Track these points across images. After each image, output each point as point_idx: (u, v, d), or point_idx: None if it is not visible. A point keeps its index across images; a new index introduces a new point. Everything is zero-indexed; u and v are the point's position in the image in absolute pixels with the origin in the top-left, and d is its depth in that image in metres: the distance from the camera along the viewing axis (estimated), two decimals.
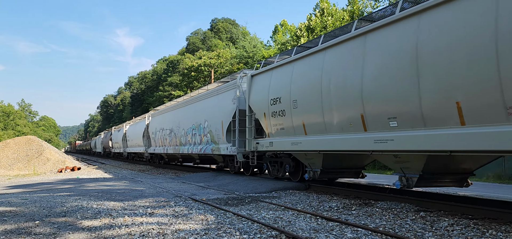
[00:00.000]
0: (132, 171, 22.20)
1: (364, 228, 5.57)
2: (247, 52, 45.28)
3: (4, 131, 74.55)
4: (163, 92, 62.26)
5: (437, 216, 6.38)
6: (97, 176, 17.93)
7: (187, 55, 62.25)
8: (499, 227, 5.47)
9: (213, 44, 65.00)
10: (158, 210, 7.20)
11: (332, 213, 6.96)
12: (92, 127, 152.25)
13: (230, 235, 5.20)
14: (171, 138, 20.90)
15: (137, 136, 29.12)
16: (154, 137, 24.59)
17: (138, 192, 10.12)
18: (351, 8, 28.97)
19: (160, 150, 23.45)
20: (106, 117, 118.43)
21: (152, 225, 5.76)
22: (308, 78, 9.34)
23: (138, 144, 29.25)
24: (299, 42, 29.55)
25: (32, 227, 5.63)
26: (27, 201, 8.27)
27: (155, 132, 24.17)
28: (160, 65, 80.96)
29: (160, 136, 23.05)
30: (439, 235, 5.22)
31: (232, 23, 73.24)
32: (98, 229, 5.52)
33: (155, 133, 24.28)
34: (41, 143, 27.39)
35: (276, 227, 5.58)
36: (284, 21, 42.51)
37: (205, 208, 7.56)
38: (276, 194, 9.80)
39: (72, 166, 23.14)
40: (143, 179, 15.07)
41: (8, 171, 22.18)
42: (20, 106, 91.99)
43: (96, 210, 7.07)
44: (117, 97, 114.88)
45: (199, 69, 51.10)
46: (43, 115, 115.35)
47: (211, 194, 9.92)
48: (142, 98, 78.27)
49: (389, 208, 7.20)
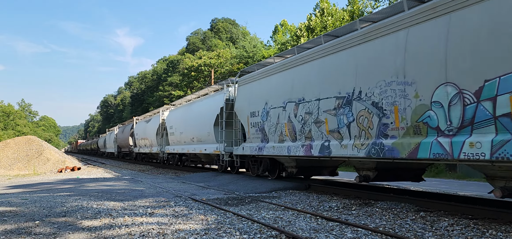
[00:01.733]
0: (132, 170, 22.21)
1: (364, 228, 5.57)
2: (247, 52, 45.29)
3: (4, 131, 74.57)
4: (163, 92, 62.26)
5: (437, 216, 6.38)
6: (97, 176, 17.93)
7: (187, 55, 62.26)
8: (499, 227, 5.47)
9: (213, 44, 65.02)
10: (158, 210, 7.20)
11: (332, 213, 6.96)
12: (92, 127, 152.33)
13: (230, 235, 5.20)
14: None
15: (198, 125, 16.96)
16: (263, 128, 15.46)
17: (138, 192, 10.12)
18: (351, 8, 28.98)
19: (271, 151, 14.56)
20: (106, 117, 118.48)
21: (152, 225, 5.76)
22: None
23: (201, 139, 16.98)
24: (299, 42, 29.57)
25: (32, 227, 5.63)
26: (27, 201, 8.27)
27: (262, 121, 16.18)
28: (160, 65, 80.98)
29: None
30: (439, 235, 5.22)
31: (232, 23, 73.26)
32: (98, 229, 5.52)
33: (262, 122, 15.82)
34: (41, 143, 27.38)
35: (276, 227, 5.58)
36: (284, 21, 42.53)
37: (205, 208, 7.56)
38: (276, 194, 9.80)
39: (72, 166, 23.15)
40: (143, 179, 15.07)
41: (8, 171, 22.19)
42: (20, 106, 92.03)
43: (96, 210, 7.07)
44: (117, 97, 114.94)
45: (199, 69, 51.11)
46: (43, 115, 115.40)
47: (211, 194, 9.92)
48: (142, 98, 78.26)
49: (389, 208, 7.20)
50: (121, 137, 36.48)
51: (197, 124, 17.20)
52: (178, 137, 19.99)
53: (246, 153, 12.74)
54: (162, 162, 24.39)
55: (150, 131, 25.33)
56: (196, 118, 17.47)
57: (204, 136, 16.38)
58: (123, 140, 35.55)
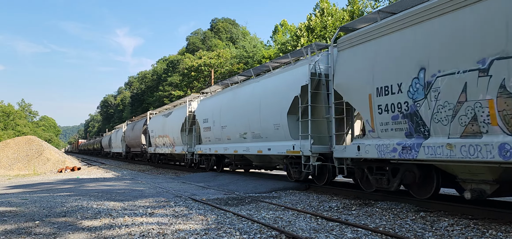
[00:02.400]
0: (132, 171, 22.20)
1: (364, 228, 5.57)
2: (247, 52, 45.32)
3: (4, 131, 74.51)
4: (163, 92, 62.28)
5: (437, 216, 6.38)
6: (97, 176, 17.93)
7: (187, 55, 62.29)
8: (499, 227, 5.47)
9: (213, 44, 65.05)
10: (158, 210, 7.20)
11: (332, 213, 6.96)
12: (92, 127, 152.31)
13: (230, 235, 5.20)
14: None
15: (257, 114, 12.43)
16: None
17: (138, 192, 10.12)
18: (351, 8, 28.98)
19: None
20: (106, 117, 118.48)
21: (152, 225, 5.76)
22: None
23: (261, 135, 12.45)
24: (299, 42, 29.56)
25: (32, 227, 5.63)
26: (27, 201, 8.27)
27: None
28: (160, 65, 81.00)
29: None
30: (439, 235, 5.22)
31: (232, 23, 73.30)
32: (98, 229, 5.52)
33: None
34: (41, 143, 27.39)
35: (276, 227, 5.58)
36: (284, 21, 42.54)
37: (205, 208, 7.56)
38: (276, 194, 9.80)
39: (72, 166, 23.15)
40: (143, 179, 15.07)
41: (8, 171, 22.19)
42: (20, 106, 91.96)
43: (96, 210, 7.07)
44: (117, 97, 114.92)
45: (199, 69, 51.12)
46: (43, 115, 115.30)
47: (211, 194, 9.92)
48: (142, 98, 78.28)
49: (389, 208, 7.20)
50: (131, 134, 30.51)
51: (254, 114, 12.41)
52: (217, 133, 15.28)
53: (370, 155, 7.78)
54: (190, 165, 19.96)
55: (172, 126, 20.92)
56: (254, 105, 12.44)
57: (268, 130, 11.75)
58: (133, 138, 29.92)
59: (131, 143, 31.37)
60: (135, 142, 29.88)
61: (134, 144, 30.28)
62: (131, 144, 31.48)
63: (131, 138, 30.81)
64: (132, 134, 30.53)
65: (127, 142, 32.59)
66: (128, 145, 32.65)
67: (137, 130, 29.30)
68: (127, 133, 32.71)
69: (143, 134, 27.86)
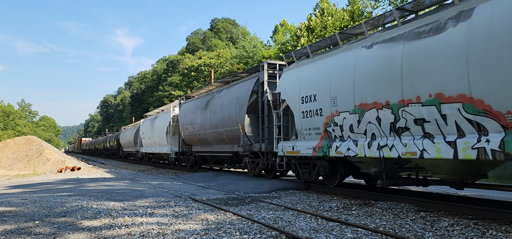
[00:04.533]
0: (132, 171, 22.19)
1: (364, 228, 5.57)
2: (247, 52, 45.30)
3: (4, 131, 74.49)
4: (163, 92, 62.26)
5: (437, 216, 6.38)
6: (97, 176, 17.92)
7: (187, 55, 62.27)
8: (499, 227, 5.47)
9: (213, 44, 65.05)
10: (158, 210, 7.20)
11: (332, 213, 6.96)
12: (92, 127, 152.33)
13: (230, 235, 5.20)
14: None
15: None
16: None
17: (138, 192, 10.12)
18: (351, 8, 28.97)
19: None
20: (106, 117, 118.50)
21: (152, 225, 5.76)
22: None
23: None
24: (299, 42, 29.56)
25: (32, 227, 5.62)
26: (27, 201, 8.27)
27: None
28: (160, 65, 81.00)
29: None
30: (439, 235, 5.22)
31: (232, 23, 73.31)
32: (98, 229, 5.52)
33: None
34: (41, 143, 27.38)
35: (276, 227, 5.58)
36: (284, 21, 42.51)
37: (205, 208, 7.55)
38: (276, 194, 9.79)
39: (72, 166, 23.14)
40: (143, 179, 15.06)
41: (8, 171, 22.19)
42: (20, 106, 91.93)
43: (96, 210, 7.07)
44: (117, 97, 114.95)
45: (199, 69, 51.10)
46: (43, 115, 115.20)
47: (211, 194, 9.91)
48: (142, 98, 78.28)
49: (389, 208, 7.20)
50: (193, 119, 17.31)
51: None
52: (195, 135, 17.16)
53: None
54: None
55: (158, 129, 22.89)
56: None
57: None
58: (201, 125, 16.51)
59: (192, 136, 23.51)
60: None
61: (199, 138, 23.72)
62: (191, 138, 23.49)
63: (194, 127, 20.85)
64: (199, 116, 19.80)
65: (186, 134, 18.79)
66: (189, 141, 21.90)
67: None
68: (182, 116, 19.24)
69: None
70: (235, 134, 13.40)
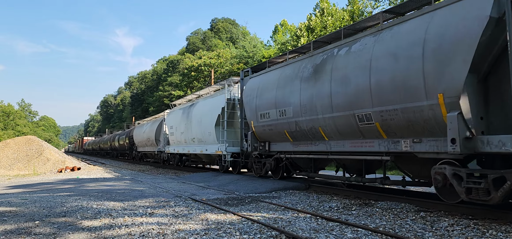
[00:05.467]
0: (132, 171, 22.20)
1: (364, 228, 5.57)
2: (247, 52, 45.27)
3: (4, 131, 74.49)
4: (163, 92, 62.24)
5: (437, 216, 6.38)
6: (97, 176, 17.92)
7: (187, 55, 62.29)
8: (499, 227, 5.47)
9: (213, 44, 65.03)
10: (158, 210, 7.20)
11: (332, 213, 6.96)
12: (92, 127, 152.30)
13: (230, 235, 5.20)
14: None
15: None
16: None
17: (138, 192, 10.12)
18: (351, 8, 28.97)
19: None
20: (106, 117, 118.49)
21: (152, 225, 5.76)
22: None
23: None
24: (299, 42, 29.56)
25: (32, 227, 5.62)
26: (27, 201, 8.27)
27: None
28: (160, 65, 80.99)
29: None
30: (439, 235, 5.22)
31: (232, 23, 73.29)
32: (98, 229, 5.52)
33: None
34: (41, 143, 27.37)
35: (276, 227, 5.58)
36: (284, 21, 42.51)
37: (205, 208, 7.56)
38: (276, 194, 9.79)
39: (72, 166, 23.14)
40: (143, 179, 15.07)
41: (8, 171, 22.18)
42: (20, 106, 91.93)
43: (96, 210, 7.07)
44: (117, 97, 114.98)
45: (199, 69, 51.10)
46: (43, 115, 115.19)
47: (211, 194, 9.91)
48: (142, 98, 78.26)
49: (389, 208, 7.20)
50: (285, 96, 10.88)
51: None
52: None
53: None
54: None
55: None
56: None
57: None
58: (309, 106, 9.78)
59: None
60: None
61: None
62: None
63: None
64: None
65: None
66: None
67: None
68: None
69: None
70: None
